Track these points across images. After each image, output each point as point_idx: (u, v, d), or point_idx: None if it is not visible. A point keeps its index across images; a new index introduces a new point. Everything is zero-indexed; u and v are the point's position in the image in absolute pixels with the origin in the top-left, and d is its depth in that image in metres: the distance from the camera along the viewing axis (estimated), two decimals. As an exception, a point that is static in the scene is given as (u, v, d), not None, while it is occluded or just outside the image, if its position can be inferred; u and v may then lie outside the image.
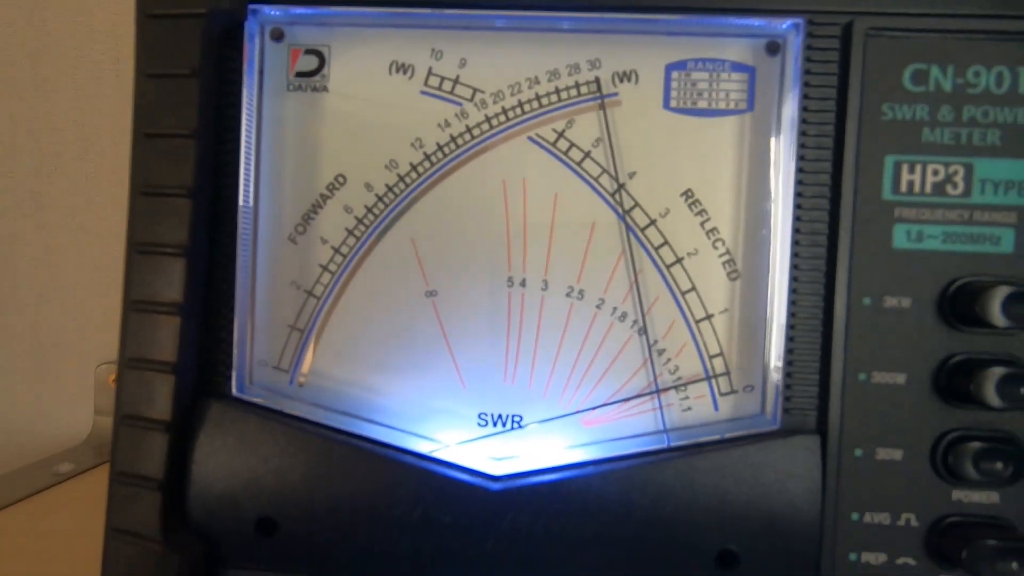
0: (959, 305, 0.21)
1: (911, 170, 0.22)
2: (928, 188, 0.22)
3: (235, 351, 0.24)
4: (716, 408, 0.24)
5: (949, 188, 0.22)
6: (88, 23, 0.57)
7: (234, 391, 0.24)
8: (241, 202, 0.24)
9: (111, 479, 0.22)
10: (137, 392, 0.22)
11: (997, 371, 0.20)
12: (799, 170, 0.22)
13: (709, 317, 0.24)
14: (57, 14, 0.58)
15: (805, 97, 0.22)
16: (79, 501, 0.42)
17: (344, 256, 0.24)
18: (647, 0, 0.23)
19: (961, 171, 0.22)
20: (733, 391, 0.24)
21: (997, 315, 0.20)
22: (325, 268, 0.25)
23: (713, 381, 0.24)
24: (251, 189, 0.24)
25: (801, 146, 0.22)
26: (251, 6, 0.23)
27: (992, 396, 0.20)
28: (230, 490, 0.22)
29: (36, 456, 0.52)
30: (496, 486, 0.22)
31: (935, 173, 0.22)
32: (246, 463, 0.23)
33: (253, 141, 0.24)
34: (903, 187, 0.22)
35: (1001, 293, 0.20)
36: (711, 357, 0.24)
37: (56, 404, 0.60)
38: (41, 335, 0.59)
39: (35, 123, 0.58)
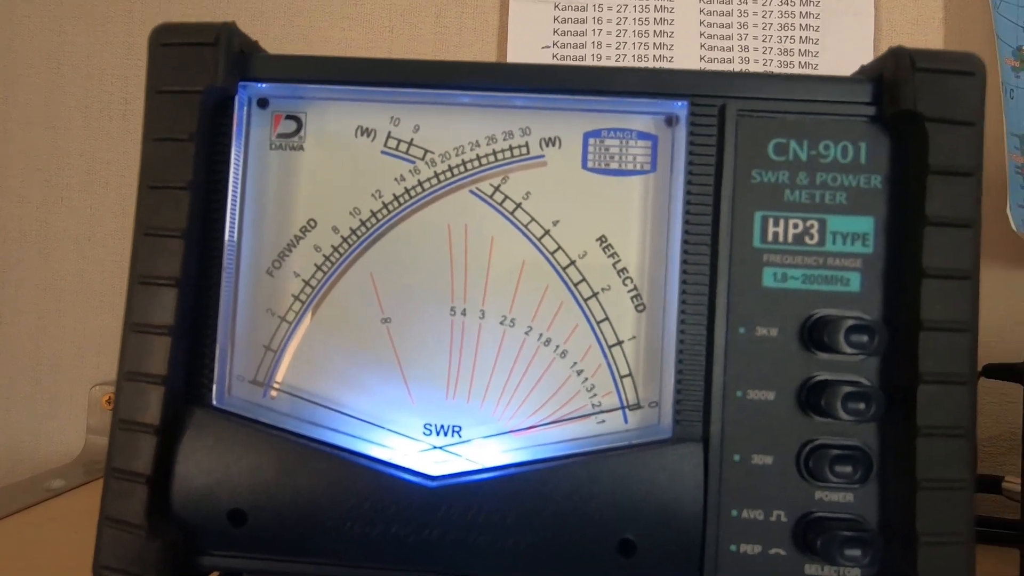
0: (816, 334, 0.26)
1: (776, 223, 0.26)
2: (790, 238, 0.26)
3: (216, 367, 0.28)
4: (626, 421, 0.28)
5: (807, 239, 0.26)
6: (101, 66, 0.62)
7: (214, 401, 0.28)
8: (227, 241, 0.28)
9: (106, 474, 0.26)
10: (132, 400, 0.26)
11: (843, 389, 0.25)
12: (686, 221, 0.27)
13: (620, 343, 0.28)
14: (71, 57, 0.63)
15: (691, 163, 0.27)
16: (68, 516, 0.44)
17: (313, 287, 0.29)
18: (570, 83, 0.28)
19: (816, 225, 0.26)
20: (640, 406, 0.28)
21: (843, 343, 0.25)
22: (296, 297, 0.29)
23: (623, 397, 0.28)
24: (236, 231, 0.29)
25: (688, 202, 0.27)
26: (242, 83, 0.28)
27: (839, 410, 0.24)
28: (207, 486, 0.26)
29: (30, 472, 0.55)
30: (433, 484, 0.26)
31: (795, 226, 0.26)
32: (222, 463, 0.26)
33: (239, 191, 0.29)
34: (769, 237, 0.26)
35: (846, 325, 0.25)
36: (622, 377, 0.28)
37: (51, 423, 0.62)
38: (41, 357, 0.63)
39: (46, 158, 0.63)
